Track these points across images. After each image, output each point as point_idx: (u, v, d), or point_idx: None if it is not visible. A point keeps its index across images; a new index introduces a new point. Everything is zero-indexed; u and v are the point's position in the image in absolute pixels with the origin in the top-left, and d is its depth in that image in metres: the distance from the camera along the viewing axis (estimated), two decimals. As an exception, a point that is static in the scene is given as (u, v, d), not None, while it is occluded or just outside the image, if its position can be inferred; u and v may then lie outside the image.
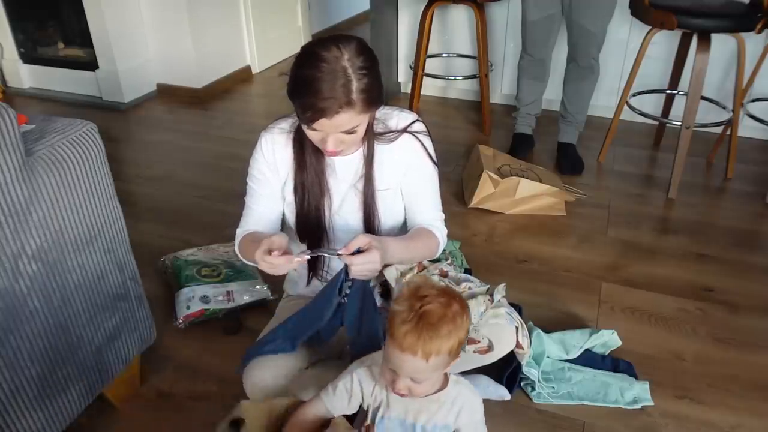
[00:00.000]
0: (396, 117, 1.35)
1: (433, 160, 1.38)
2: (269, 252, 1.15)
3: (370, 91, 1.14)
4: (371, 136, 1.31)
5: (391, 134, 1.33)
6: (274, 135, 1.34)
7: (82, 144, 1.20)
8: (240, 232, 1.40)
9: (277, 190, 1.37)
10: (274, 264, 1.15)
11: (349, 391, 1.15)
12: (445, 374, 1.11)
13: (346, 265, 1.18)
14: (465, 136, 2.99)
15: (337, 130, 1.17)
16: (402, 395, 1.07)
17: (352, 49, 1.12)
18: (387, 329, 1.03)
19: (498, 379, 1.49)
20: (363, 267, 1.16)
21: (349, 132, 1.19)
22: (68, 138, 1.18)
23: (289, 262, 1.16)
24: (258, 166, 1.36)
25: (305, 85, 1.12)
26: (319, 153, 1.32)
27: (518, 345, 1.42)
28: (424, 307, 1.00)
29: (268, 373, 1.34)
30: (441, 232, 1.41)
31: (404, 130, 1.34)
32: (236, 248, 1.40)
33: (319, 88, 1.10)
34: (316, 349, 1.41)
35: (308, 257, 1.21)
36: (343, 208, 1.37)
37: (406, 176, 1.36)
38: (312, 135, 1.22)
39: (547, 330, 1.62)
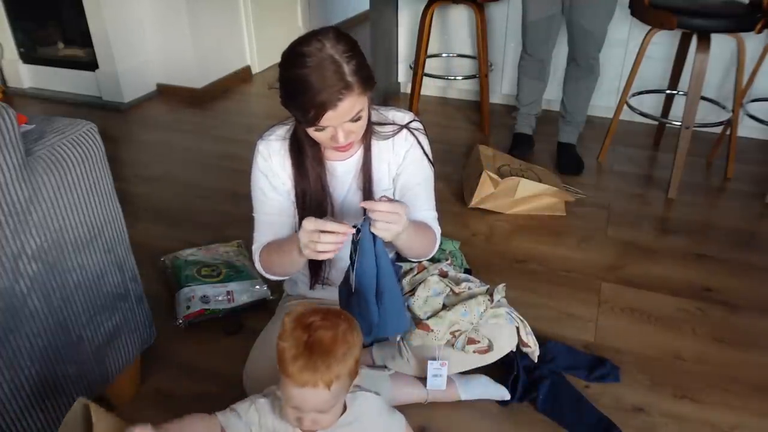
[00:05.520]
0: (393, 115, 1.35)
1: (429, 159, 1.37)
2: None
3: (361, 70, 1.14)
4: (368, 130, 1.30)
5: (387, 128, 1.32)
6: (270, 143, 1.32)
7: (82, 144, 1.20)
8: (257, 248, 1.35)
9: (285, 197, 1.34)
10: (337, 230, 1.09)
11: (245, 419, 1.07)
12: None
13: (366, 222, 1.12)
14: (465, 136, 2.99)
15: (343, 120, 1.15)
16: None
17: (331, 38, 1.12)
18: (279, 368, 0.96)
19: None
20: (387, 216, 1.10)
21: (355, 119, 1.17)
22: (68, 138, 1.18)
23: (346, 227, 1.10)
24: (260, 176, 1.33)
25: (298, 85, 1.11)
26: (318, 158, 1.31)
27: (524, 344, 1.42)
28: (312, 335, 0.94)
29: (268, 371, 1.34)
30: (438, 231, 1.40)
31: (404, 126, 1.34)
32: (258, 264, 1.35)
33: (314, 82, 1.09)
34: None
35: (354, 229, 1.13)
36: (344, 208, 1.37)
37: (403, 169, 1.35)
38: (320, 136, 1.19)
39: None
